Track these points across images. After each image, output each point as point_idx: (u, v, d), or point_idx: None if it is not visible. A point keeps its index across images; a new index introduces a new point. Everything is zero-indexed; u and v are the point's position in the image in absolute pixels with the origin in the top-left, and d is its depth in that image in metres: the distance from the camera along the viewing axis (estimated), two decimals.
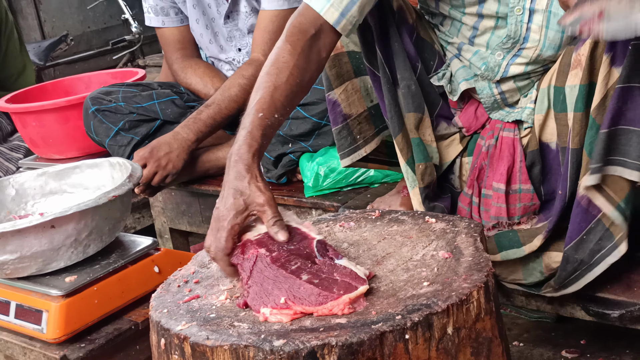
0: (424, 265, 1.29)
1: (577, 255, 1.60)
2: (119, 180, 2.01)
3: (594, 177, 1.50)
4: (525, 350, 2.05)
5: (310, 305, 1.18)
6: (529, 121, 1.76)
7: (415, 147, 1.79)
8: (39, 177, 2.18)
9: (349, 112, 1.86)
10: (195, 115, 2.47)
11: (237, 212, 1.35)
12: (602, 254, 1.58)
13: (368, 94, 1.87)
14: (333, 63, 1.83)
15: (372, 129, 1.90)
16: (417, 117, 1.79)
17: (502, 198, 1.76)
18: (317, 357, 1.07)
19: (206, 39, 2.69)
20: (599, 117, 1.51)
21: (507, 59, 1.74)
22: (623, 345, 1.99)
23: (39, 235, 1.76)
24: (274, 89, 1.47)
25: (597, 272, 1.60)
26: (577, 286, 1.64)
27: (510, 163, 1.76)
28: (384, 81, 1.77)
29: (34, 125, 2.88)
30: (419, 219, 1.50)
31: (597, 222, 1.56)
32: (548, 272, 1.70)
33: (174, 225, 2.78)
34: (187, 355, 1.16)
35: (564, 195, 1.62)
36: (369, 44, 1.77)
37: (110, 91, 2.63)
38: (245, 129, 1.43)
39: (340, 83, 1.85)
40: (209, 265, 1.44)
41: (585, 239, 1.58)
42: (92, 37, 6.90)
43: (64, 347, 1.78)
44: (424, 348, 1.12)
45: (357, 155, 1.89)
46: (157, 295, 1.35)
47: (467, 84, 1.81)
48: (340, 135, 1.87)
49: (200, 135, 2.45)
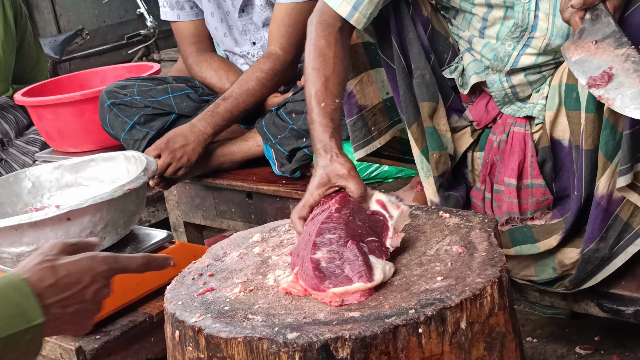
0: (437, 259, 1.29)
1: (598, 254, 1.61)
2: (134, 173, 2.02)
3: (626, 178, 1.51)
4: (539, 346, 2.05)
5: (308, 285, 1.22)
6: (540, 117, 1.76)
7: (429, 135, 1.79)
8: (55, 170, 2.19)
9: (364, 103, 1.86)
10: (213, 109, 2.47)
11: (319, 184, 1.45)
12: (621, 245, 1.58)
13: (384, 86, 1.87)
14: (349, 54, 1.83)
15: (386, 121, 1.90)
16: (432, 106, 1.79)
17: (514, 193, 1.76)
18: (331, 350, 1.08)
19: (221, 32, 2.70)
20: (612, 117, 1.51)
21: (518, 49, 1.73)
22: (637, 342, 1.98)
23: (54, 227, 1.77)
24: (325, 80, 1.58)
25: (617, 264, 1.61)
26: (594, 281, 1.64)
27: (521, 158, 1.76)
28: (398, 71, 1.77)
29: (50, 118, 2.89)
30: (432, 213, 1.50)
31: (614, 218, 1.57)
32: (561, 270, 1.70)
33: (188, 218, 2.79)
34: (202, 347, 1.17)
35: (579, 196, 1.61)
36: (383, 35, 1.77)
37: (125, 85, 2.64)
38: (315, 122, 1.54)
39: (356, 74, 1.85)
40: (223, 258, 1.45)
41: (605, 236, 1.59)
42: (108, 31, 6.91)
43: (79, 338, 1.79)
44: (437, 342, 1.12)
45: (371, 147, 1.89)
46: (172, 287, 1.36)
47: (477, 78, 1.81)
48: (355, 126, 1.88)
49: (217, 129, 2.46)
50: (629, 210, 1.56)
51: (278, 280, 1.31)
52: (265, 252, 1.45)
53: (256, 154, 2.57)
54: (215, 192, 2.64)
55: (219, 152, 2.58)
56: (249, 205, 2.54)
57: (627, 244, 1.58)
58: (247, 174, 2.55)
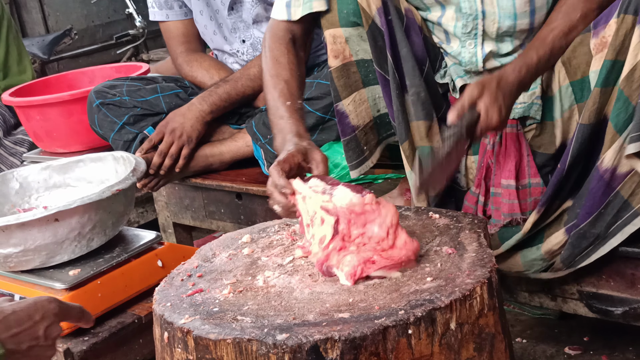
0: (427, 260, 1.29)
1: (595, 230, 1.60)
2: (123, 174, 2.01)
3: (636, 145, 1.50)
4: (528, 347, 2.05)
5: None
6: (537, 117, 1.75)
7: (425, 156, 1.78)
8: (43, 170, 2.18)
9: (356, 123, 1.86)
10: (213, 89, 2.53)
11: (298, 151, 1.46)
12: (618, 224, 1.58)
13: (375, 104, 1.87)
14: (341, 73, 1.83)
15: (375, 138, 1.91)
16: (427, 125, 1.79)
17: (514, 194, 1.76)
18: (320, 352, 1.07)
19: (210, 30, 2.69)
20: (627, 89, 1.50)
21: (479, 44, 1.74)
22: (626, 342, 1.99)
23: (42, 228, 1.76)
24: (285, 83, 1.67)
25: (613, 243, 1.60)
26: (589, 260, 1.64)
27: (517, 159, 1.76)
28: (393, 87, 1.77)
29: (38, 119, 2.88)
30: (422, 214, 1.50)
31: (615, 194, 1.56)
32: (550, 257, 1.70)
33: (178, 219, 2.78)
34: (190, 349, 1.16)
35: (562, 170, 1.62)
36: (379, 48, 1.77)
37: (114, 85, 2.63)
38: (283, 117, 1.59)
39: (349, 94, 1.85)
40: (213, 259, 1.45)
41: (603, 212, 1.58)
42: (96, 31, 6.89)
43: (68, 340, 1.79)
44: (427, 343, 1.12)
45: (365, 167, 1.91)
46: (161, 289, 1.35)
47: (462, 81, 1.81)
48: (349, 146, 1.88)
49: (214, 108, 2.50)
50: (630, 188, 1.55)
51: (267, 281, 1.31)
52: (255, 253, 1.44)
53: (246, 154, 2.56)
54: (204, 192, 2.63)
55: (208, 152, 2.57)
56: (239, 206, 2.53)
57: (625, 224, 1.57)
58: (236, 175, 2.54)
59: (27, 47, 3.80)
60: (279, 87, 1.65)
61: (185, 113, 2.48)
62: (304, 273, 1.32)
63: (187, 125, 2.46)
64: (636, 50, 1.48)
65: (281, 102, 1.61)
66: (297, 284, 1.28)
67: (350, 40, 1.79)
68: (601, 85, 1.55)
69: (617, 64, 1.53)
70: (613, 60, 1.53)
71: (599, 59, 1.58)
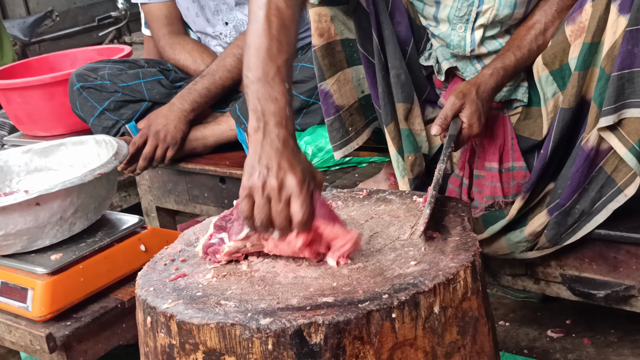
0: (411, 244, 1.29)
1: (579, 206, 1.61)
2: (105, 157, 1.99)
3: (608, 119, 1.51)
4: (511, 330, 2.07)
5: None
6: (524, 100, 1.75)
7: (405, 138, 1.79)
8: (24, 154, 2.16)
9: (340, 103, 1.85)
10: (191, 86, 2.50)
11: (307, 182, 1.21)
12: (603, 201, 1.59)
13: (359, 85, 1.86)
14: (326, 52, 1.81)
15: (362, 120, 1.89)
16: (406, 107, 1.79)
17: (497, 177, 1.76)
18: (304, 336, 1.07)
19: (193, 12, 2.66)
20: (608, 67, 1.51)
21: (469, 29, 1.73)
22: (608, 325, 2.01)
23: (23, 212, 1.75)
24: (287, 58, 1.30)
25: (599, 220, 1.61)
26: (575, 237, 1.65)
27: (502, 142, 1.76)
28: (378, 68, 1.76)
29: (19, 101, 2.84)
30: (406, 198, 1.50)
31: (598, 170, 1.58)
32: (535, 238, 1.71)
33: (161, 203, 2.77)
34: (174, 334, 1.15)
35: (544, 155, 1.63)
36: (364, 29, 1.76)
37: (96, 68, 2.60)
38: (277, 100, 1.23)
39: (333, 73, 1.83)
40: (196, 243, 1.44)
41: (587, 188, 1.60)
42: (78, 13, 6.82)
43: (50, 325, 1.78)
44: (411, 327, 1.12)
45: (349, 148, 1.89)
46: (144, 273, 1.34)
47: (448, 64, 1.81)
48: (333, 127, 1.87)
49: (195, 106, 2.48)
50: (614, 164, 1.56)
51: (251, 265, 1.30)
52: None
53: (229, 138, 2.55)
54: (187, 176, 2.62)
55: (191, 136, 2.56)
56: (222, 190, 2.52)
57: (609, 200, 1.58)
58: (220, 159, 2.53)
59: (7, 29, 3.76)
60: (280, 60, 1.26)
61: (167, 114, 2.45)
62: (288, 257, 1.31)
63: (170, 126, 2.44)
64: (614, 27, 1.50)
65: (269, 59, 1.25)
66: (281, 269, 1.27)
67: (336, 19, 1.77)
68: (580, 68, 1.57)
69: (594, 45, 1.55)
70: (590, 43, 1.55)
71: (577, 45, 1.58)
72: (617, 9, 1.49)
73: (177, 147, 2.46)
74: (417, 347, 1.13)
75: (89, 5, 6.86)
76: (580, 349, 1.94)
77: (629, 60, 1.48)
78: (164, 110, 2.46)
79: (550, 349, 1.96)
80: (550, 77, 1.67)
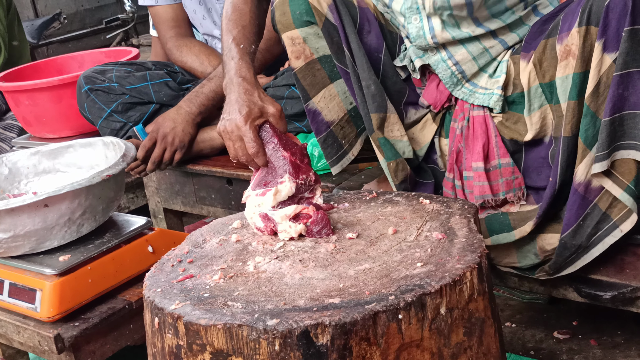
0: (417, 246, 1.29)
1: (575, 241, 1.61)
2: (113, 159, 2.00)
3: (602, 164, 1.51)
4: (518, 331, 2.07)
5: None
6: (497, 108, 1.75)
7: (382, 146, 1.80)
8: (33, 156, 2.17)
9: (330, 119, 1.86)
10: (198, 89, 2.50)
11: (254, 117, 1.50)
12: (599, 235, 1.59)
13: (347, 97, 1.87)
14: (305, 73, 1.84)
15: (354, 130, 1.91)
16: (379, 117, 1.80)
17: (483, 176, 1.76)
18: (311, 337, 1.08)
19: (199, 15, 2.67)
20: (593, 105, 1.52)
21: (424, 17, 1.73)
22: (614, 327, 2.01)
23: (32, 214, 1.76)
24: (242, 28, 1.69)
25: (595, 253, 1.62)
26: (573, 268, 1.65)
27: (485, 140, 1.76)
28: (354, 80, 1.79)
29: (27, 104, 2.86)
30: (413, 200, 1.50)
31: (593, 207, 1.58)
32: (543, 255, 1.71)
33: (168, 205, 2.77)
34: (181, 335, 1.16)
35: (554, 182, 1.62)
36: (336, 44, 1.79)
37: (104, 70, 2.61)
38: (234, 58, 1.61)
39: (318, 91, 1.85)
40: (203, 245, 1.45)
41: (582, 224, 1.60)
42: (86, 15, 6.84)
43: (58, 325, 1.78)
44: (417, 328, 1.12)
45: (346, 161, 1.91)
46: (151, 274, 1.35)
47: (420, 61, 1.81)
48: (326, 143, 1.88)
49: (203, 109, 2.48)
50: (608, 201, 1.57)
51: (258, 267, 1.31)
52: (246, 239, 1.44)
53: None
54: (195, 178, 2.63)
55: (199, 138, 2.57)
56: (229, 191, 2.53)
57: (605, 235, 1.59)
58: (227, 160, 2.54)
59: None
60: (234, 32, 1.67)
61: (175, 118, 2.45)
62: (295, 259, 1.32)
63: (178, 130, 2.44)
64: (598, 65, 1.49)
65: (234, 45, 1.63)
66: (288, 270, 1.28)
67: (308, 40, 1.81)
68: (576, 97, 1.55)
69: (582, 75, 1.54)
70: (580, 73, 1.54)
71: (563, 66, 1.57)
72: (602, 47, 1.48)
73: (185, 150, 2.47)
74: (424, 348, 1.14)
75: (96, 7, 6.88)
76: (586, 351, 1.94)
77: (619, 104, 1.48)
78: (172, 113, 2.46)
79: (556, 350, 1.96)
80: (540, 89, 1.66)
